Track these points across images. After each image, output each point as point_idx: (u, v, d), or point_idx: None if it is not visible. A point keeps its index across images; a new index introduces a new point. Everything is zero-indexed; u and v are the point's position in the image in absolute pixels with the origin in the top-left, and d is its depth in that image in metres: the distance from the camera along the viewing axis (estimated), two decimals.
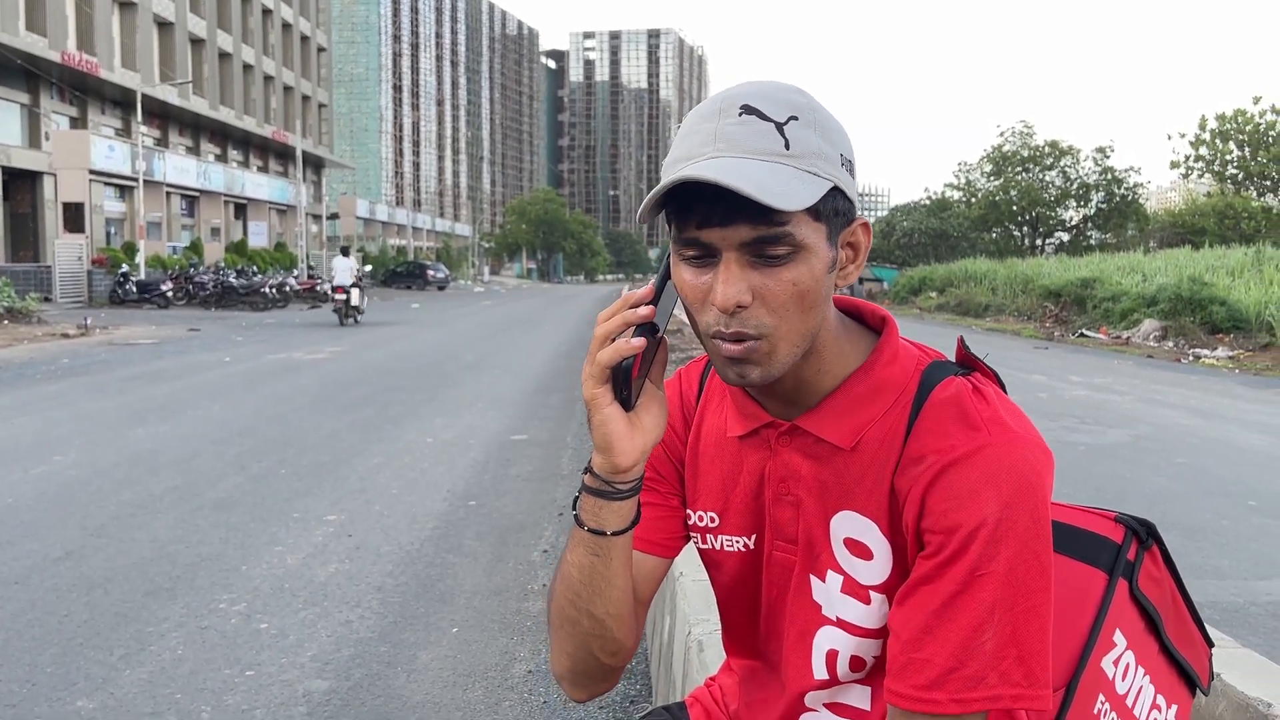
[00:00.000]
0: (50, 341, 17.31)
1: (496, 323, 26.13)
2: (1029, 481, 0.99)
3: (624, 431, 1.06)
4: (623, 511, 1.10)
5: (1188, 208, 46.82)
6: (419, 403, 10.24)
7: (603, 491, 1.09)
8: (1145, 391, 12.47)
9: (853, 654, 1.12)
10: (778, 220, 0.97)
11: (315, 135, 57.43)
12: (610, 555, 1.11)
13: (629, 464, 1.07)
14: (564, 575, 1.14)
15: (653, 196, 0.99)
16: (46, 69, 32.04)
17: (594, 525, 1.10)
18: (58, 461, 6.88)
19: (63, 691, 3.25)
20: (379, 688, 3.34)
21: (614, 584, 1.12)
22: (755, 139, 0.98)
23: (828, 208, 1.01)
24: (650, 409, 1.09)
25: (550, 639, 1.20)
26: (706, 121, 1.01)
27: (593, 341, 1.06)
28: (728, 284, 0.99)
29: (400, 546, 5.00)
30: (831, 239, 1.03)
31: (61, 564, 4.61)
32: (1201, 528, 5.70)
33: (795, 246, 0.99)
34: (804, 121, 1.00)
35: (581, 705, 3.21)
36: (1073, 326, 24.43)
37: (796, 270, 0.99)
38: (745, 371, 1.02)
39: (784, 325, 1.01)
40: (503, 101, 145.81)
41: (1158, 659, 1.20)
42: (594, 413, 1.06)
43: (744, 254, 0.99)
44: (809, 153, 0.99)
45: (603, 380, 1.05)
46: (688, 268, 1.03)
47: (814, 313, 1.03)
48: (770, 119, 0.99)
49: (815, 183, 0.99)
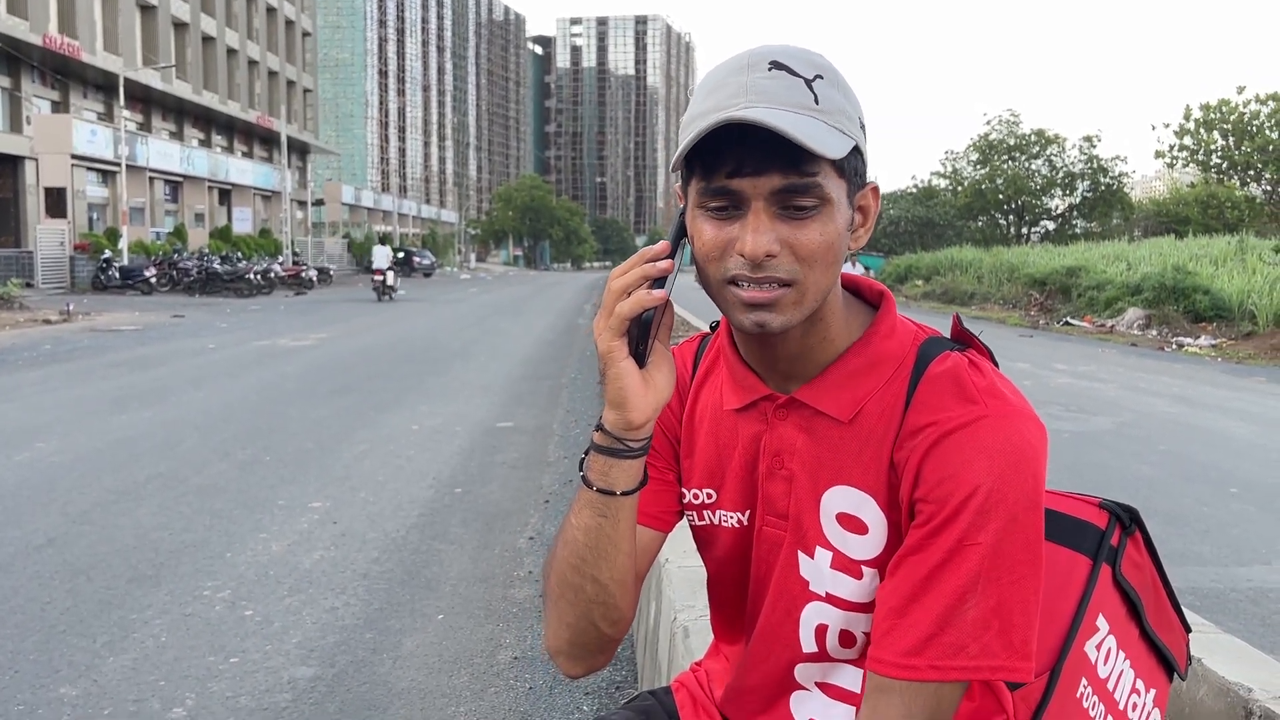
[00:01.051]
0: (32, 327, 17.18)
1: (483, 310, 26.07)
2: (1023, 454, 0.99)
3: (639, 387, 1.06)
4: (632, 471, 1.10)
5: (1172, 197, 47.00)
6: (405, 389, 10.21)
7: (614, 449, 1.08)
8: (1129, 379, 12.54)
9: (842, 628, 1.12)
10: (809, 171, 0.98)
11: (300, 120, 57.06)
12: (618, 517, 1.10)
13: (642, 420, 1.07)
14: (568, 539, 1.13)
15: (694, 139, 0.99)
16: (27, 52, 31.72)
17: (603, 485, 1.09)
18: (40, 448, 6.84)
19: (46, 679, 3.24)
20: (364, 674, 3.33)
21: (620, 547, 1.11)
22: (787, 92, 0.99)
23: (850, 166, 1.03)
24: (661, 368, 1.08)
25: (546, 613, 1.19)
26: (736, 75, 1.01)
27: (607, 295, 1.05)
28: (758, 232, 0.99)
29: (386, 533, 4.99)
30: (850, 198, 1.04)
31: (44, 551, 4.58)
32: (1183, 514, 5.74)
33: (823, 200, 1.00)
34: (829, 81, 1.02)
35: (566, 691, 3.22)
36: (1057, 315, 24.53)
37: (823, 224, 1.01)
38: (765, 319, 1.02)
39: (812, 275, 1.02)
40: (489, 87, 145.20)
41: (1138, 644, 1.21)
42: (609, 366, 1.05)
43: (772, 204, 1.00)
44: (836, 110, 1.01)
45: (620, 333, 1.05)
46: (710, 220, 1.03)
47: (835, 269, 1.04)
48: (800, 75, 1.01)
49: (842, 138, 1.01)
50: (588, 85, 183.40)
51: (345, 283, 43.30)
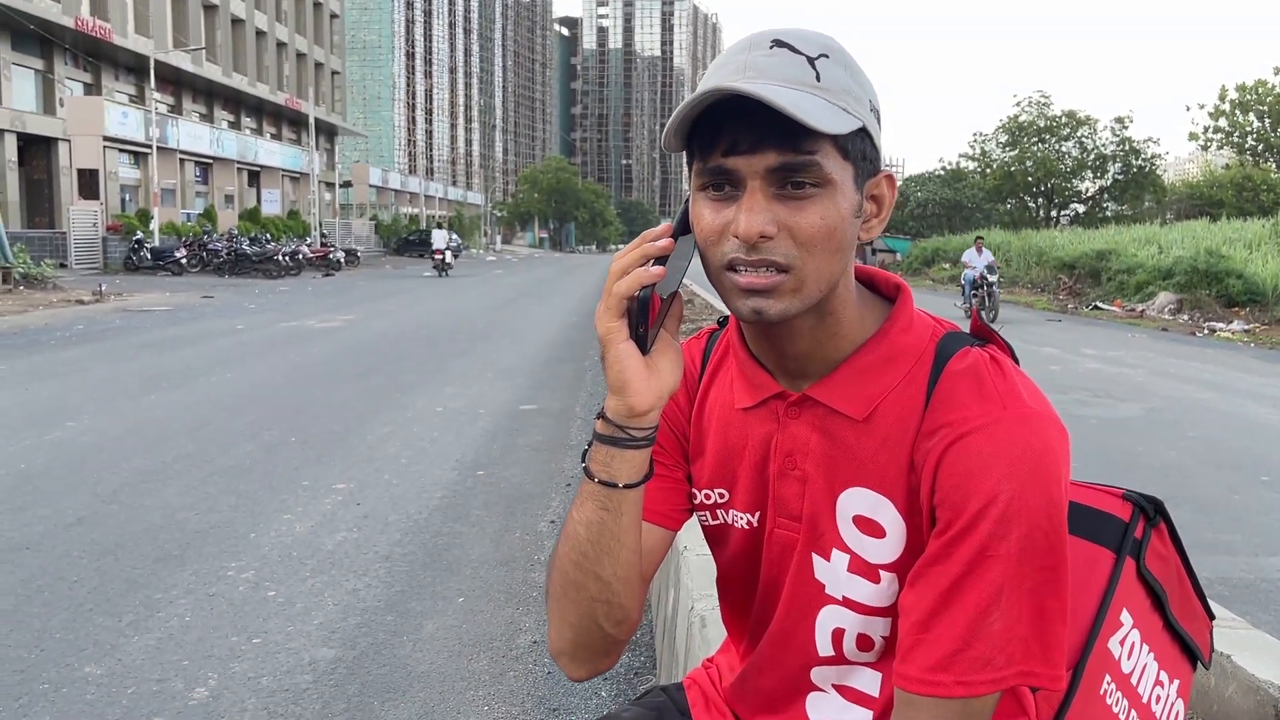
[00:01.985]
0: (65, 308, 17.38)
1: (508, 291, 26.11)
2: (1043, 459, 0.96)
3: (640, 371, 1.02)
4: (635, 462, 1.06)
5: (1206, 179, 46.29)
6: (429, 371, 10.25)
7: (616, 439, 1.05)
8: (1159, 365, 12.39)
9: (860, 632, 1.09)
10: (806, 148, 0.95)
11: (328, 102, 57.26)
12: (620, 511, 1.06)
13: (645, 407, 1.03)
14: (570, 535, 1.09)
15: (680, 114, 0.96)
16: (60, 35, 31.98)
17: (605, 477, 1.05)
18: (71, 428, 6.92)
19: (71, 657, 3.28)
20: (384, 656, 3.35)
21: (623, 543, 1.08)
22: (786, 69, 0.97)
23: (855, 149, 0.99)
24: (667, 355, 1.05)
25: (550, 612, 1.15)
26: (737, 54, 0.99)
27: (608, 277, 1.02)
28: (752, 212, 0.96)
29: (408, 516, 5.01)
30: (858, 183, 1.00)
31: (73, 530, 4.64)
32: (1213, 502, 5.66)
33: (822, 180, 0.96)
34: (835, 60, 0.99)
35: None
36: (1087, 299, 24.25)
37: (824, 206, 0.97)
38: (763, 306, 0.98)
39: (812, 262, 0.98)
40: (515, 69, 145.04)
41: (1162, 635, 1.18)
42: (608, 349, 1.02)
43: (769, 184, 0.96)
44: (840, 89, 0.98)
45: (619, 314, 1.01)
46: (708, 203, 1.00)
47: (840, 256, 1.00)
48: (802, 52, 0.97)
49: (845, 116, 0.97)
50: (614, 67, 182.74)
51: (372, 264, 43.50)
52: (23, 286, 20.95)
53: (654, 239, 1.03)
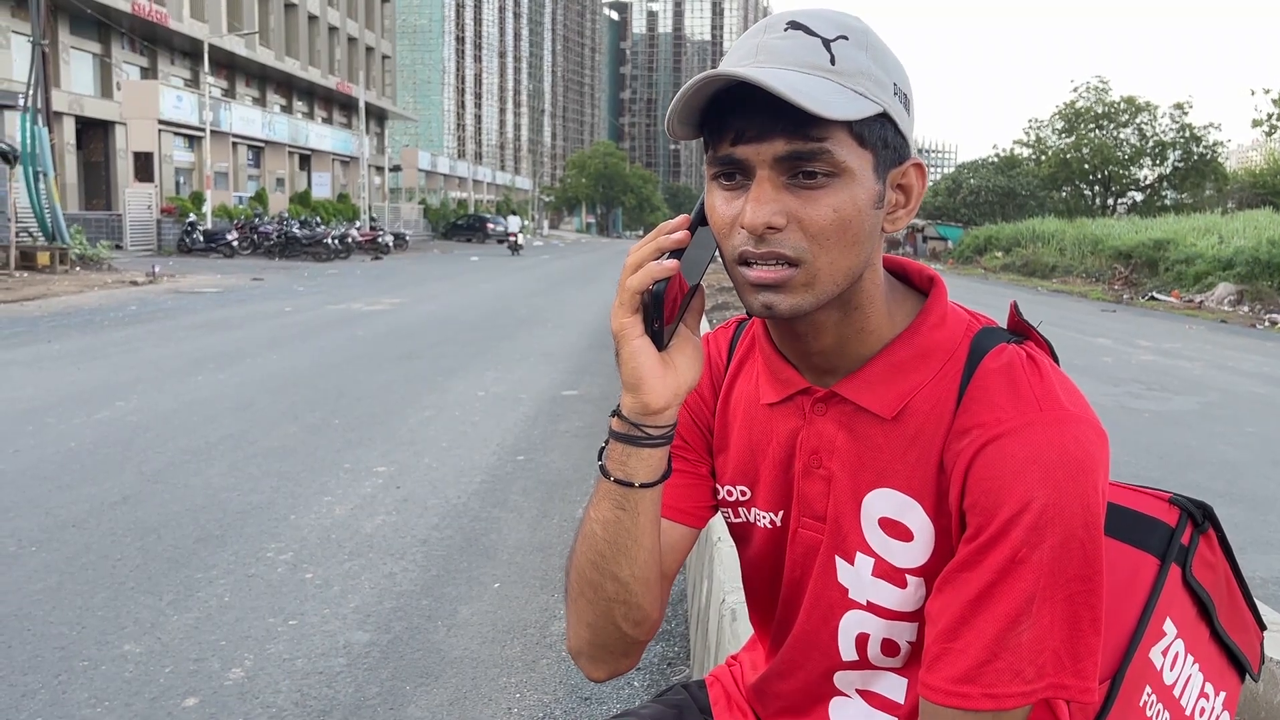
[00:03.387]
0: (120, 289, 17.71)
1: (553, 276, 26.16)
2: (1081, 465, 0.91)
3: (655, 368, 0.99)
4: (652, 461, 1.02)
5: (1270, 167, 45.08)
6: (471, 355, 10.29)
7: (631, 437, 1.01)
8: (1216, 357, 12.08)
9: (885, 637, 1.05)
10: (815, 135, 0.90)
11: (379, 87, 57.71)
12: (637, 510, 1.03)
13: (660, 404, 0.99)
14: (586, 534, 1.07)
15: (680, 100, 0.92)
16: (118, 19, 32.55)
17: (621, 476, 1.02)
18: (119, 407, 7.03)
19: (111, 635, 3.32)
20: (418, 641, 3.35)
21: (641, 543, 1.05)
22: (798, 52, 0.92)
23: (874, 135, 0.93)
24: (685, 351, 1.01)
25: (568, 612, 1.13)
26: (751, 37, 0.95)
27: (622, 271, 0.99)
28: (759, 202, 0.92)
29: (447, 500, 5.02)
30: (879, 172, 0.95)
31: (118, 508, 4.70)
32: (1270, 499, 5.50)
33: (835, 169, 0.91)
34: (854, 42, 0.94)
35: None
36: (1143, 289, 23.76)
37: (837, 196, 0.92)
38: (773, 301, 0.94)
39: (824, 255, 0.93)
40: (564, 54, 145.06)
41: (1208, 646, 1.12)
42: (622, 345, 0.99)
43: (778, 173, 0.92)
44: (856, 71, 0.92)
45: (633, 310, 0.98)
46: (720, 192, 0.96)
47: (858, 249, 0.95)
48: (817, 34, 0.93)
49: (860, 101, 0.91)
50: (663, 51, 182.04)
51: (420, 248, 43.83)
52: (79, 267, 21.38)
53: (670, 231, 0.99)
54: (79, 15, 30.93)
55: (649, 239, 0.99)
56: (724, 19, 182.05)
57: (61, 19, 30.46)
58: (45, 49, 23.30)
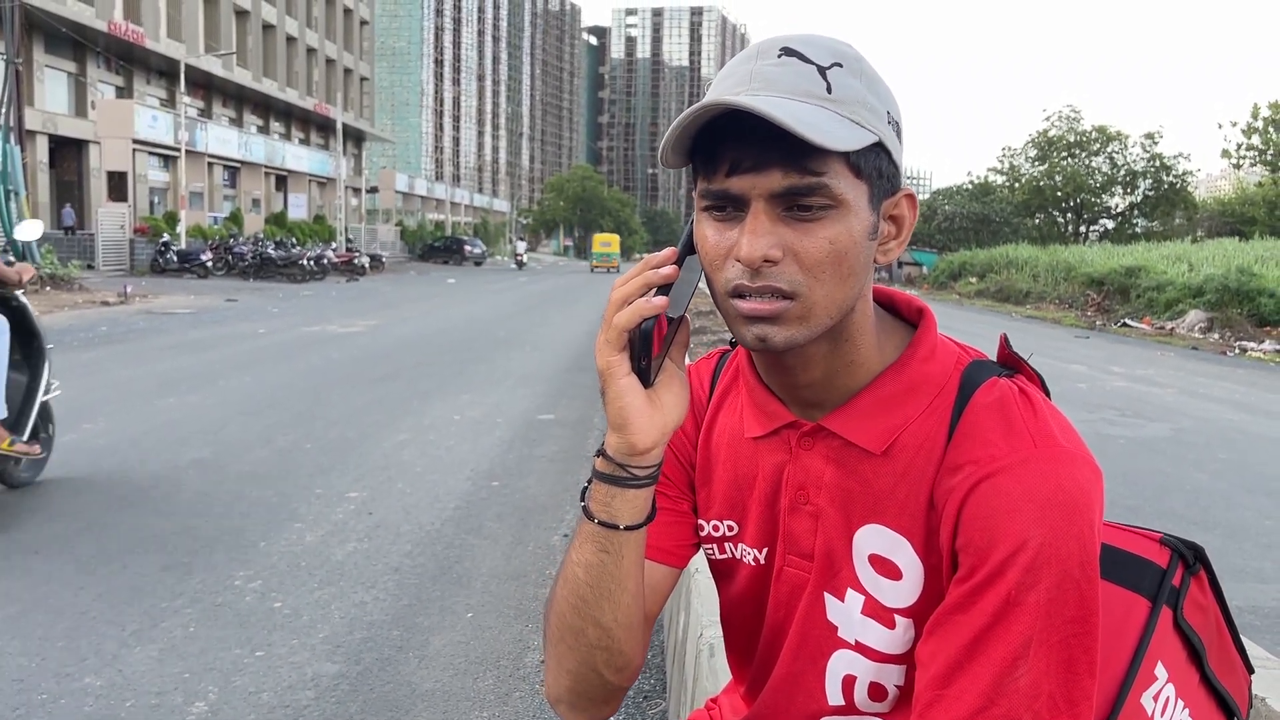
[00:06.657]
0: (90, 309, 17.50)
1: (531, 299, 26.11)
2: (1076, 503, 0.88)
3: (643, 407, 0.96)
4: (637, 502, 0.99)
5: (1238, 197, 45.82)
6: (448, 378, 10.21)
7: (617, 478, 0.98)
8: (1188, 384, 12.18)
9: (872, 680, 1.02)
10: (814, 169, 0.87)
11: (356, 108, 57.67)
12: (621, 553, 1.00)
13: (648, 444, 0.96)
14: (568, 577, 1.03)
15: (676, 129, 0.89)
16: (93, 38, 32.38)
17: (605, 518, 0.99)
18: (87, 430, 6.91)
19: (72, 667, 3.22)
20: (388, 673, 3.28)
21: (624, 587, 1.01)
22: (795, 79, 0.89)
23: (870, 166, 0.91)
24: (671, 388, 0.98)
25: (547, 658, 1.08)
26: (744, 64, 0.92)
27: (608, 307, 0.95)
28: (755, 235, 0.88)
29: (420, 526, 4.94)
30: (874, 203, 0.93)
31: (83, 534, 4.60)
32: (1244, 527, 5.52)
33: (833, 201, 0.89)
34: (849, 70, 0.91)
35: None
36: (1115, 316, 23.99)
37: (833, 228, 0.89)
38: (767, 333, 0.91)
39: (820, 288, 0.90)
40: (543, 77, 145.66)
41: (1198, 690, 1.09)
42: (609, 384, 0.96)
43: (775, 205, 0.89)
44: (853, 100, 0.90)
45: (619, 347, 0.95)
46: (711, 224, 0.93)
47: (852, 281, 0.92)
48: (812, 62, 0.90)
49: (858, 130, 0.89)
50: (641, 76, 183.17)
51: (397, 269, 43.66)
52: (49, 287, 21.11)
53: (656, 266, 0.96)
54: (54, 34, 30.73)
55: (635, 272, 0.96)
56: (701, 45, 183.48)
57: (36, 37, 30.24)
58: (19, 67, 23.13)
